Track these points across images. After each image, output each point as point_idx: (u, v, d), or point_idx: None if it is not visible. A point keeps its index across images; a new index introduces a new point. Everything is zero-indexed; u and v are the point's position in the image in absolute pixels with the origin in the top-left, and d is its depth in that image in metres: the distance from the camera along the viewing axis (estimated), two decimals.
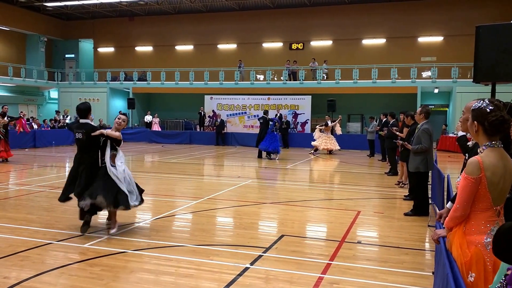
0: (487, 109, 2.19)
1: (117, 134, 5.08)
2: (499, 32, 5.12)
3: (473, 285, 2.10)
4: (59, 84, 26.94)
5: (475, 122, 2.23)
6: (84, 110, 5.16)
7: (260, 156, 14.50)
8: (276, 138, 14.31)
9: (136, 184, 5.30)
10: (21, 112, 16.90)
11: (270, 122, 14.35)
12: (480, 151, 2.25)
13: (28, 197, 7.37)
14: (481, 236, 2.18)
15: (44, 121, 20.43)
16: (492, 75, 5.17)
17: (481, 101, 2.24)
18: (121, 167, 5.08)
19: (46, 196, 7.47)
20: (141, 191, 5.36)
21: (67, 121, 20.87)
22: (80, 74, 27.08)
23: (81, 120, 5.16)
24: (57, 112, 21.41)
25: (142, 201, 5.31)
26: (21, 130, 14.51)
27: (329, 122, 16.29)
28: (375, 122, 15.19)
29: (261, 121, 14.86)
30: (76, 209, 5.14)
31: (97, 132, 5.04)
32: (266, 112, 15.25)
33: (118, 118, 5.20)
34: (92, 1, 24.83)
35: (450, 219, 2.32)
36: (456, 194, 2.81)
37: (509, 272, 1.71)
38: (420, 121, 6.53)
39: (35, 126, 18.64)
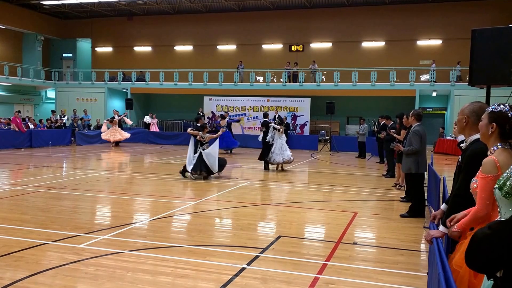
0: (509, 114, 2.28)
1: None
2: (494, 36, 5.15)
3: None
4: (56, 83, 26.87)
5: (494, 123, 2.28)
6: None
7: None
8: (227, 135, 15.08)
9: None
10: (17, 111, 16.81)
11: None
12: (491, 151, 2.30)
13: (23, 197, 7.32)
14: None
15: (40, 121, 20.35)
16: (488, 79, 5.19)
17: (501, 105, 2.32)
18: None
19: (42, 196, 7.43)
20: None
21: (64, 121, 20.79)
22: (77, 74, 27.00)
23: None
24: (53, 112, 21.31)
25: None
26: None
27: (116, 117, 18.51)
28: (366, 125, 15.46)
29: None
30: (71, 209, 5.12)
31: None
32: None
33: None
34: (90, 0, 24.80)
35: (471, 221, 2.28)
36: (450, 195, 2.83)
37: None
38: (412, 123, 6.77)
39: (31, 126, 18.55)
